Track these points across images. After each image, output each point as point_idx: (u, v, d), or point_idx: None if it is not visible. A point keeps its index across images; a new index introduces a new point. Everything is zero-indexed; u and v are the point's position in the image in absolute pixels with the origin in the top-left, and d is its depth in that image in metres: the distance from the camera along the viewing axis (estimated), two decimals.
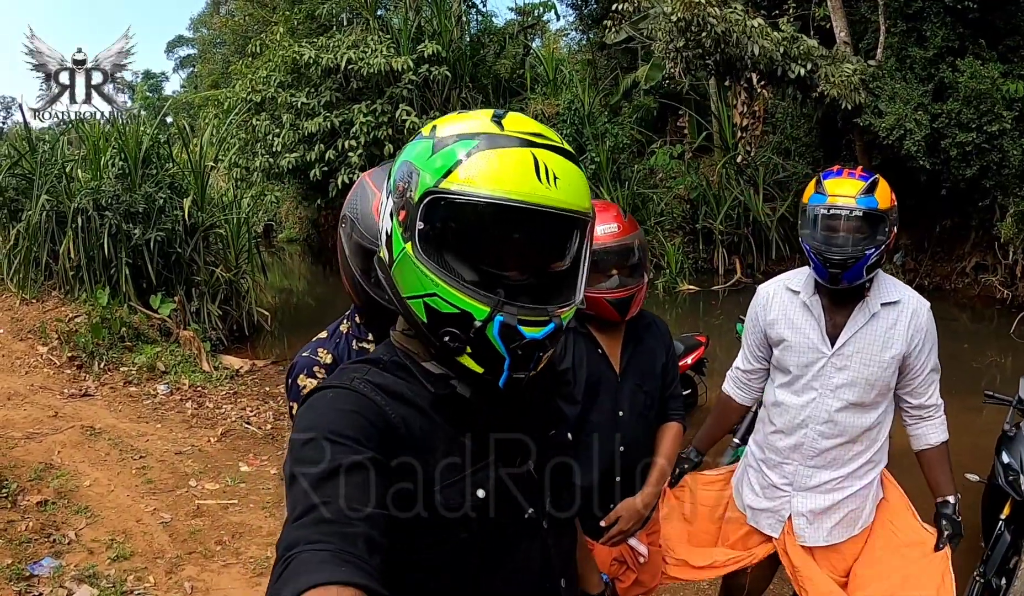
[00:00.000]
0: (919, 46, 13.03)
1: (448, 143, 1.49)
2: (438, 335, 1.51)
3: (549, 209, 1.45)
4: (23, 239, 11.80)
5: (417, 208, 1.47)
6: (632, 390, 3.15)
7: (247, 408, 8.98)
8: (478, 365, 1.52)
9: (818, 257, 3.09)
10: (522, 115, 1.56)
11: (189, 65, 59.12)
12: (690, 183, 17.85)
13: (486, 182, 1.42)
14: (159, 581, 5.03)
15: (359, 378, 1.54)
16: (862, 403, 3.18)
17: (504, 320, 1.45)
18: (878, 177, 3.12)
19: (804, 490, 3.31)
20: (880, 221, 3.06)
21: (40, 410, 8.14)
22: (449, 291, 1.46)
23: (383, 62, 18.31)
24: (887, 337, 3.14)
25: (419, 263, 1.47)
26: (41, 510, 5.79)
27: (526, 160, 1.44)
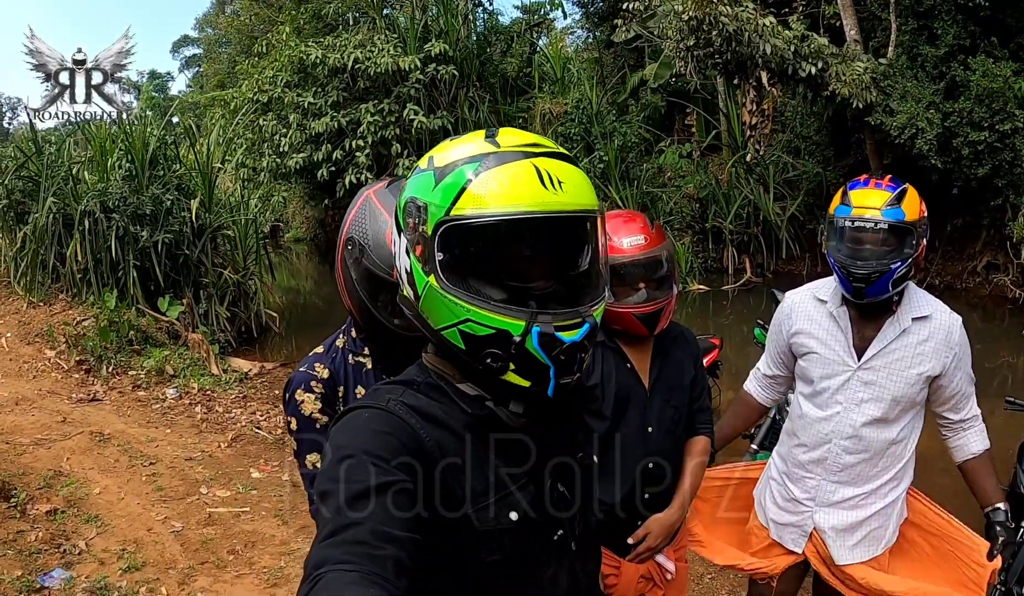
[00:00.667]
0: (930, 44, 12.98)
1: (450, 170, 1.50)
2: (479, 358, 1.51)
3: (561, 214, 1.48)
4: (30, 242, 11.80)
5: (433, 240, 1.48)
6: (661, 405, 3.07)
7: (257, 412, 8.92)
8: (524, 379, 1.53)
9: (842, 270, 3.02)
10: (513, 128, 1.60)
11: (195, 65, 59.29)
12: (699, 182, 17.83)
13: (495, 200, 1.45)
14: (171, 592, 4.98)
15: (394, 399, 1.54)
16: (886, 418, 3.11)
17: (541, 330, 1.47)
18: (907, 187, 3.04)
19: (827, 506, 3.25)
20: (907, 234, 2.98)
21: (48, 415, 8.11)
22: (481, 314, 1.47)
23: (390, 61, 18.33)
24: (916, 353, 3.07)
25: (446, 293, 1.49)
26: (51, 519, 5.75)
27: (529, 171, 1.46)
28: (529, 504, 1.63)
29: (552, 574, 1.70)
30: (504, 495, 1.59)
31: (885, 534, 3.25)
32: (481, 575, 1.56)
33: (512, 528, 1.59)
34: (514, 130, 1.58)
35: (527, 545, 1.63)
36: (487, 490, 1.57)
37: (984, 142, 12.13)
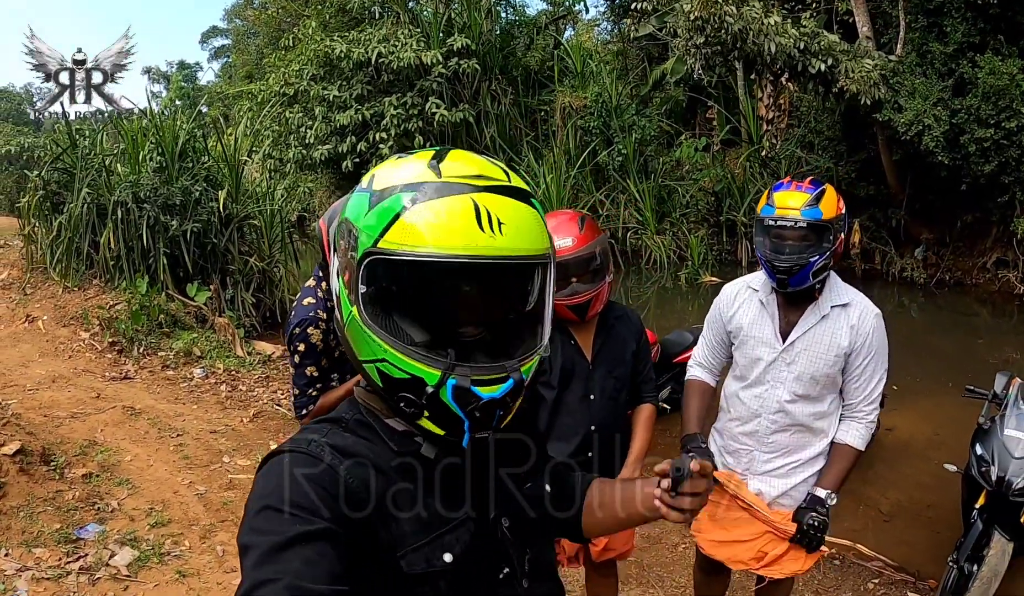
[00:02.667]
0: (939, 41, 13.09)
1: (384, 197, 1.42)
2: (394, 400, 1.47)
3: (495, 260, 1.38)
4: (65, 230, 12.14)
5: (358, 270, 1.41)
6: (603, 376, 3.49)
7: (278, 391, 9.35)
8: (438, 428, 1.47)
9: (768, 264, 3.34)
10: (465, 152, 1.50)
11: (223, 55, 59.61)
12: (715, 175, 18.01)
13: (425, 238, 1.35)
14: (193, 545, 5.41)
15: (317, 441, 1.48)
16: (808, 396, 3.41)
17: (457, 383, 1.40)
18: (826, 187, 3.33)
19: (759, 475, 3.55)
20: (825, 230, 3.27)
21: (83, 392, 8.53)
22: (397, 356, 1.41)
23: (413, 55, 18.52)
24: (833, 336, 3.36)
25: (365, 327, 1.43)
26: (86, 482, 6.17)
27: (466, 209, 1.37)
28: (467, 543, 1.55)
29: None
30: (437, 536, 1.52)
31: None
32: None
33: (447, 570, 1.51)
34: (465, 154, 1.48)
35: (467, 587, 1.55)
36: (418, 531, 1.50)
37: (991, 139, 12.26)
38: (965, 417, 7.83)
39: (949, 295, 14.48)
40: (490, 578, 1.60)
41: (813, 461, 3.50)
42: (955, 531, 5.41)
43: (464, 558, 1.53)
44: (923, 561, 5.65)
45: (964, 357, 10.83)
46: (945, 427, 7.86)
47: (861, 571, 5.52)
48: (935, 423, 7.96)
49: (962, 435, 7.44)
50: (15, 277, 13.22)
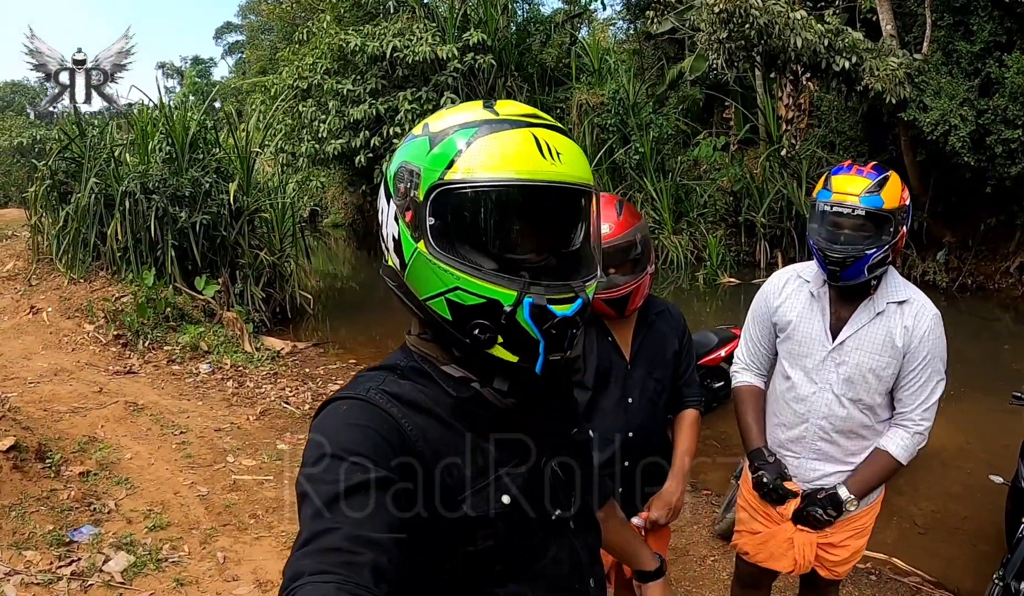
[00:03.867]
0: (966, 40, 12.83)
1: (446, 135, 1.46)
2: (467, 330, 1.46)
3: (558, 184, 1.43)
4: (72, 221, 12.03)
5: (424, 205, 1.43)
6: (642, 377, 3.18)
7: (286, 388, 9.15)
8: (512, 354, 1.47)
9: (820, 253, 3.09)
10: (513, 100, 1.55)
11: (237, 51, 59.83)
12: (734, 175, 17.81)
13: (491, 166, 1.40)
14: (193, 550, 5.17)
15: (374, 388, 1.49)
16: (860, 400, 3.16)
17: (533, 301, 1.42)
18: (890, 174, 3.08)
19: (806, 483, 3.29)
20: (885, 221, 3.02)
21: (85, 385, 8.35)
22: (472, 281, 1.42)
23: (428, 50, 18.42)
24: (888, 335, 3.11)
25: (435, 260, 1.43)
26: (83, 480, 5.95)
27: (527, 139, 1.42)
28: (522, 486, 1.57)
29: (553, 555, 1.64)
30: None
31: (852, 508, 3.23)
32: (475, 561, 1.50)
33: (505, 512, 1.52)
34: (513, 102, 1.53)
35: (522, 528, 1.56)
36: (476, 475, 1.51)
37: (1018, 140, 11.97)
38: (995, 425, 7.65)
39: (971, 300, 14.25)
40: (542, 520, 1.62)
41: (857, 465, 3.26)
42: (993, 544, 5.24)
43: (520, 501, 1.56)
44: (962, 576, 5.41)
45: (989, 363, 10.61)
46: (975, 436, 7.66)
47: (899, 587, 5.26)
48: (965, 432, 7.74)
49: (993, 444, 7.31)
50: (21, 268, 13.12)
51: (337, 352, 11.70)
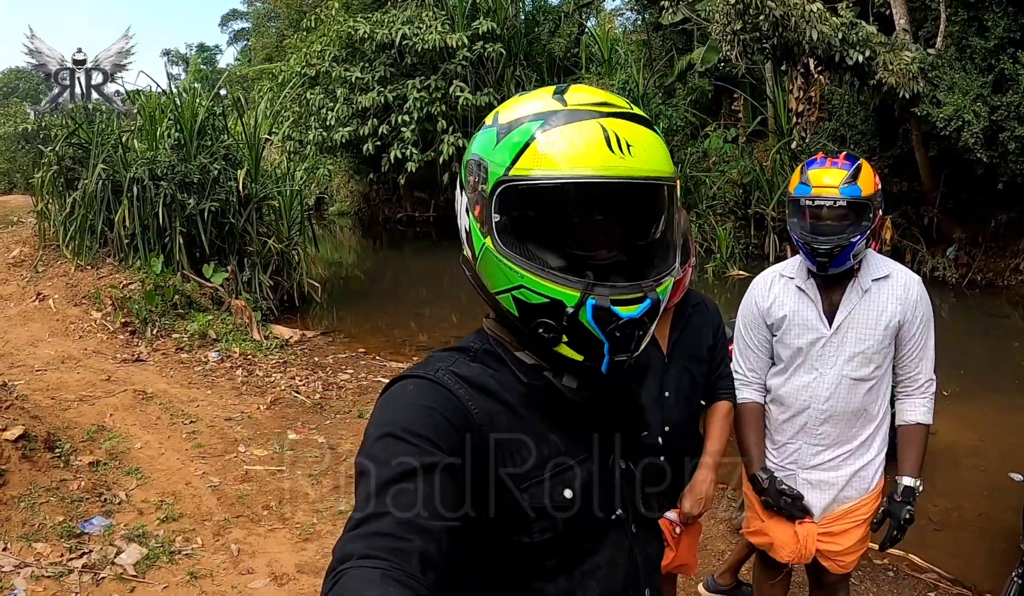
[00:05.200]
0: (980, 36, 12.70)
1: (512, 128, 1.43)
2: (531, 327, 1.45)
3: (626, 180, 1.38)
4: (79, 207, 11.98)
5: (491, 200, 1.42)
6: (679, 372, 3.19)
7: (296, 377, 9.07)
8: (577, 353, 1.45)
9: (806, 247, 3.16)
10: (585, 85, 1.51)
11: (243, 38, 59.75)
12: (743, 168, 17.71)
13: (556, 162, 1.36)
14: (206, 542, 5.11)
15: (443, 369, 1.46)
16: (861, 378, 3.23)
17: (597, 303, 1.38)
18: (861, 162, 3.19)
19: (807, 468, 3.35)
20: (864, 208, 3.13)
21: (93, 374, 8.29)
22: (535, 281, 1.39)
23: (438, 38, 18.38)
24: (880, 309, 3.20)
25: (501, 256, 1.42)
26: (93, 470, 5.89)
27: (595, 132, 1.37)
28: (586, 481, 1.53)
29: (609, 556, 1.59)
30: (559, 471, 1.49)
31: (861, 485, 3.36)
32: (531, 554, 1.47)
33: (566, 505, 1.48)
34: (585, 87, 1.49)
35: (582, 525, 1.52)
36: (541, 465, 1.47)
37: None
38: (1007, 423, 7.60)
39: (980, 296, 14.17)
40: (603, 519, 1.58)
41: (861, 448, 3.34)
42: (1009, 542, 5.20)
43: (582, 496, 1.51)
44: (979, 574, 5.35)
45: (999, 361, 10.54)
46: (987, 433, 7.60)
47: (916, 583, 5.19)
48: (978, 429, 7.69)
49: (1005, 441, 7.29)
50: (27, 255, 13.09)
51: (344, 340, 11.64)
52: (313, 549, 5.11)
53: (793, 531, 3.38)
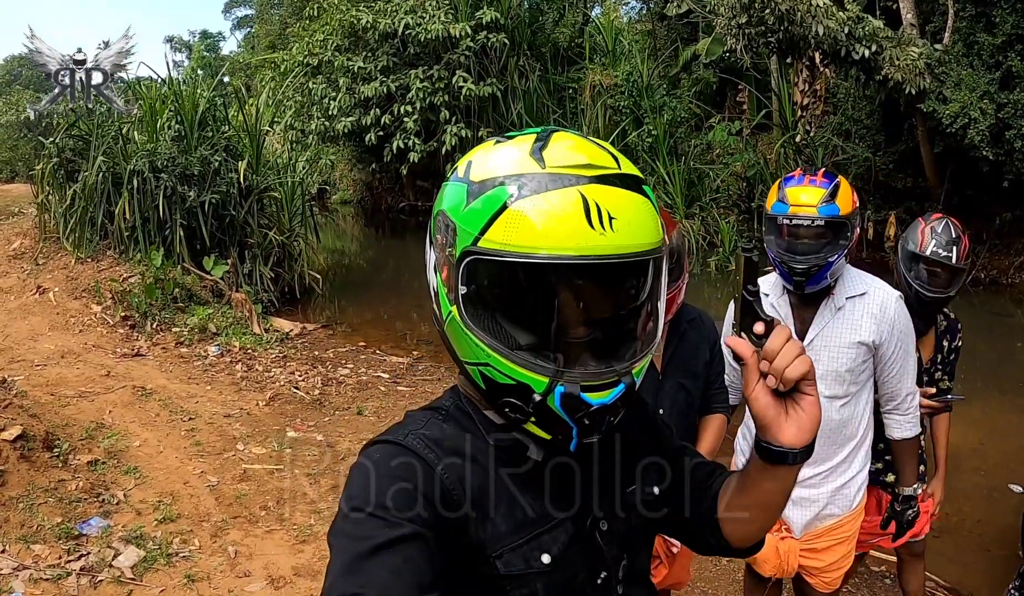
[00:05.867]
0: (987, 32, 12.65)
1: (483, 189, 1.31)
2: (498, 405, 1.38)
3: (606, 259, 1.26)
4: (79, 199, 11.97)
5: (458, 269, 1.31)
6: (674, 389, 3.16)
7: (296, 372, 9.06)
8: (544, 432, 1.37)
9: (783, 265, 3.16)
10: (569, 135, 1.39)
11: (246, 25, 59.68)
12: (747, 161, 17.67)
13: (530, 237, 1.25)
14: (204, 544, 5.10)
15: (414, 432, 1.41)
16: (836, 396, 3.23)
17: (566, 390, 1.29)
18: (840, 180, 3.18)
19: None
20: (842, 227, 3.12)
21: (92, 369, 8.28)
22: (501, 362, 1.31)
23: (441, 28, 18.33)
24: (853, 328, 3.19)
25: (466, 330, 1.33)
26: (91, 469, 5.87)
27: (574, 204, 1.25)
28: (565, 544, 1.45)
29: None
30: (535, 535, 1.42)
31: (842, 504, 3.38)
32: None
33: (545, 571, 1.42)
34: (569, 137, 1.38)
35: (563, 590, 1.45)
36: (515, 530, 1.41)
37: None
38: (1010, 425, 7.56)
39: (984, 294, 14.12)
40: (588, 583, 1.50)
41: (842, 465, 3.34)
42: (1008, 550, 5.20)
43: (561, 559, 1.44)
44: (977, 583, 5.35)
45: (1003, 359, 10.49)
46: (989, 436, 7.54)
47: None
48: (979, 431, 7.64)
49: (1008, 444, 7.27)
50: (28, 246, 13.08)
51: (345, 333, 11.65)
52: (310, 551, 5.10)
53: (775, 547, 3.41)
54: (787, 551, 3.40)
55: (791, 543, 3.39)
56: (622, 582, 1.57)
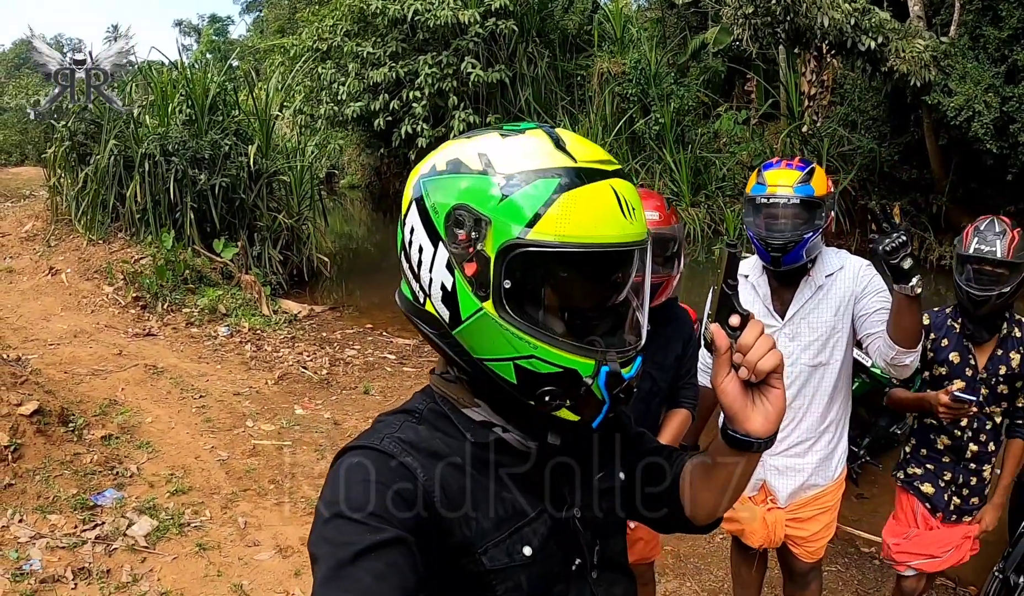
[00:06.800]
0: (994, 26, 12.59)
1: (521, 183, 1.30)
2: (534, 395, 1.37)
3: (636, 245, 1.36)
4: (91, 182, 12.09)
5: (499, 264, 1.29)
6: None
7: (304, 352, 9.21)
8: (575, 415, 1.40)
9: (760, 243, 3.32)
10: (576, 136, 1.41)
11: (255, 9, 59.61)
12: (754, 150, 17.62)
13: (581, 228, 1.28)
14: (215, 515, 5.26)
15: (389, 436, 1.41)
16: (820, 363, 3.39)
17: (610, 369, 1.35)
18: (814, 166, 3.37)
19: (777, 454, 3.50)
20: (817, 207, 3.28)
21: (105, 348, 8.43)
22: (551, 351, 1.32)
23: (450, 14, 18.28)
24: (833, 303, 3.35)
25: (507, 324, 1.31)
26: (105, 444, 6.03)
27: (611, 197, 1.32)
28: (544, 536, 1.49)
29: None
30: (517, 529, 1.46)
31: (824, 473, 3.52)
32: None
33: (526, 563, 1.45)
34: (578, 138, 1.40)
35: (544, 580, 1.49)
36: (496, 526, 1.44)
37: None
38: None
39: None
40: (564, 570, 1.54)
41: (826, 435, 3.49)
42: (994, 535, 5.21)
43: (542, 551, 1.48)
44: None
45: None
46: None
47: None
48: None
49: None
50: (39, 228, 13.20)
51: (353, 315, 11.78)
52: None
53: (762, 517, 3.55)
54: (774, 521, 3.52)
55: (777, 513, 3.52)
56: (596, 567, 1.61)
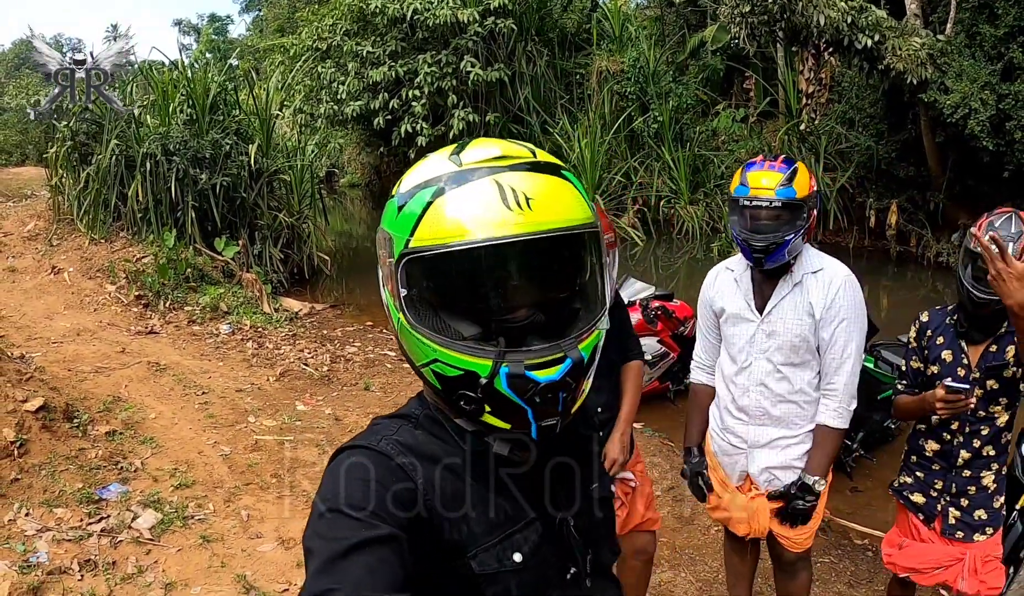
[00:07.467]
0: (990, 23, 12.60)
1: (410, 197, 1.38)
2: (453, 400, 1.41)
3: (526, 236, 1.30)
4: (93, 182, 12.15)
5: (396, 274, 1.38)
6: None
7: (305, 350, 9.27)
8: (502, 421, 1.40)
9: (744, 243, 3.38)
10: (486, 139, 1.45)
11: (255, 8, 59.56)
12: (752, 148, 17.58)
13: (451, 229, 1.31)
14: (218, 508, 5.33)
15: (387, 438, 1.44)
16: (791, 363, 3.44)
17: (510, 371, 1.33)
18: (798, 166, 3.39)
19: (758, 447, 3.56)
20: (798, 209, 3.33)
21: (108, 346, 8.50)
22: (448, 354, 1.35)
23: (449, 13, 18.32)
24: (807, 302, 3.39)
25: (413, 332, 1.38)
26: (109, 439, 6.09)
27: (489, 190, 1.31)
28: (536, 543, 1.51)
29: None
30: (507, 535, 1.48)
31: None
32: None
33: (517, 569, 1.47)
34: (485, 141, 1.43)
35: (534, 587, 1.50)
36: (488, 531, 1.46)
37: None
38: None
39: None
40: (558, 578, 1.57)
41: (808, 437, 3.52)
42: None
43: (533, 558, 1.49)
44: None
45: None
46: None
47: None
48: None
49: None
50: (41, 228, 13.25)
51: (353, 313, 11.86)
52: None
53: (744, 506, 3.63)
54: (756, 509, 3.58)
55: (760, 501, 3.57)
56: (591, 575, 1.64)
